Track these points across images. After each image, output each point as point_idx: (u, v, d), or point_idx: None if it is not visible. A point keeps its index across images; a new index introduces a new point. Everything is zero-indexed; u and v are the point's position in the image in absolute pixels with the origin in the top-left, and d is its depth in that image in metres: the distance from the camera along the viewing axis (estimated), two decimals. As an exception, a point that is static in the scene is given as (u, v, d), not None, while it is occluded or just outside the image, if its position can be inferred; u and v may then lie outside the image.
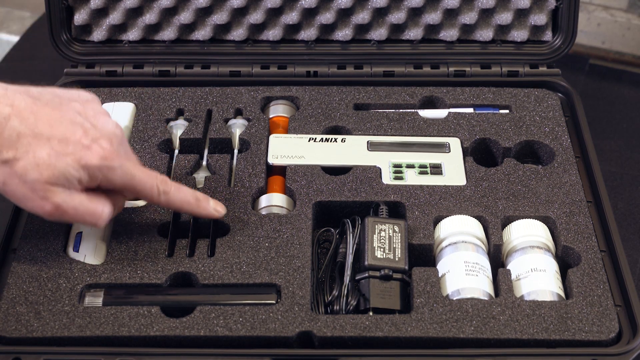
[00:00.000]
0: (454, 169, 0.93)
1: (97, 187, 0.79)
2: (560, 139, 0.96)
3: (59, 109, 0.78)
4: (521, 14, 1.04)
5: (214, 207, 0.85)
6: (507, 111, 1.00)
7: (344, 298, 0.81)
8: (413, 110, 1.00)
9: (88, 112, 0.80)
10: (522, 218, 0.88)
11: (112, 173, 0.78)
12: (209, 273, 0.83)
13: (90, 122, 0.79)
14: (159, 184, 0.81)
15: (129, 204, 0.89)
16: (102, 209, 0.79)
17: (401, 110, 1.00)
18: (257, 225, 0.87)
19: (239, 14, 1.04)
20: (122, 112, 0.99)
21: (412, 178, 0.92)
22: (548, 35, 1.04)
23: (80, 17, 1.03)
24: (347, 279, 0.82)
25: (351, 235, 0.85)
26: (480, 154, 0.97)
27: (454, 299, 0.81)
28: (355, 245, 0.85)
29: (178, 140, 0.96)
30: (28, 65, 1.29)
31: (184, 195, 0.83)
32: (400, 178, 0.92)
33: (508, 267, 0.85)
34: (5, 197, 0.77)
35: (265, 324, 0.79)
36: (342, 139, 0.96)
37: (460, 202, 0.90)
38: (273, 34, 1.05)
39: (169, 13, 1.04)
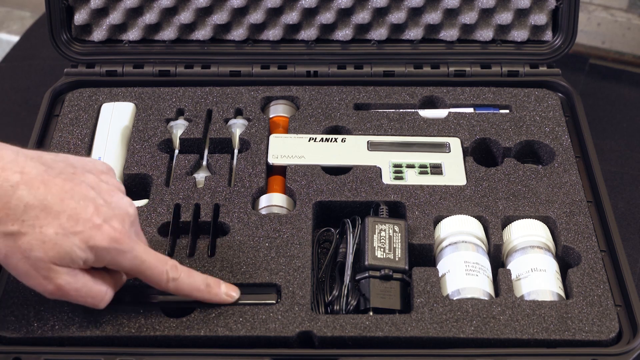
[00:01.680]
0: (454, 169, 0.93)
1: (103, 267, 0.75)
2: (560, 138, 0.96)
3: (72, 181, 0.73)
4: (521, 14, 1.04)
5: (226, 292, 0.80)
6: (507, 111, 1.00)
7: (344, 298, 0.81)
8: (413, 110, 1.00)
9: (102, 186, 0.75)
10: (522, 218, 0.88)
11: (121, 256, 0.74)
12: (209, 273, 0.83)
13: (104, 198, 0.74)
14: (169, 270, 0.76)
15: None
16: (105, 291, 0.75)
17: (401, 110, 1.00)
18: (257, 225, 0.87)
19: (239, 13, 1.04)
20: (122, 112, 0.99)
21: (412, 178, 0.92)
22: (548, 35, 1.04)
23: (80, 17, 1.03)
24: (347, 279, 0.82)
25: (351, 235, 0.85)
26: (481, 153, 0.97)
27: (454, 298, 0.81)
28: (355, 245, 0.85)
29: (178, 140, 0.96)
30: (28, 65, 1.29)
31: (194, 281, 0.78)
32: (401, 178, 0.92)
33: (508, 267, 0.85)
34: (5, 267, 0.73)
35: (265, 324, 0.79)
36: (342, 139, 0.96)
37: (460, 202, 0.89)
38: (273, 33, 1.05)
39: (169, 13, 1.04)
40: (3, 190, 0.70)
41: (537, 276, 0.83)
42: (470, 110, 1.00)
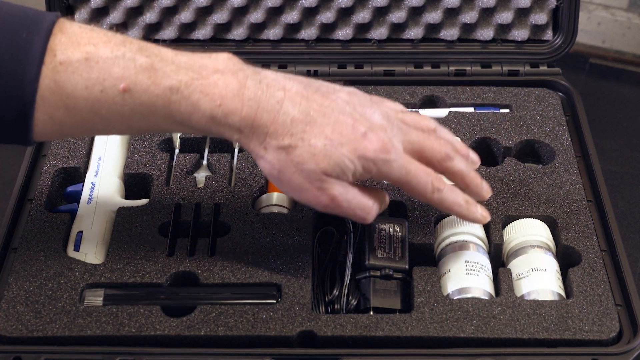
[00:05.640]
0: (454, 169, 0.93)
1: (366, 180, 0.76)
2: (560, 138, 0.96)
3: (328, 97, 0.75)
4: (522, 13, 1.04)
5: (481, 213, 0.81)
6: (507, 110, 1.00)
7: (345, 297, 0.81)
8: (414, 110, 1.00)
9: (355, 100, 0.76)
10: (523, 217, 0.88)
11: (387, 166, 0.75)
12: (209, 272, 0.83)
13: (359, 111, 0.75)
14: (434, 180, 0.77)
15: (130, 203, 0.89)
16: (372, 205, 0.77)
17: (401, 110, 1.00)
18: (257, 224, 0.87)
19: (240, 13, 1.04)
20: (122, 112, 0.98)
21: (412, 177, 0.92)
22: (548, 35, 1.04)
23: (80, 16, 1.03)
24: (347, 278, 0.82)
25: (352, 234, 0.85)
26: (481, 153, 0.97)
27: (455, 298, 0.81)
28: (355, 245, 0.85)
29: (178, 140, 0.96)
30: (28, 65, 1.29)
31: (456, 196, 0.79)
32: (401, 177, 0.92)
33: (508, 267, 0.85)
34: (277, 184, 0.75)
35: (265, 324, 0.79)
36: (343, 138, 0.96)
37: (460, 202, 0.89)
38: (273, 33, 1.05)
39: (169, 12, 1.04)
40: (270, 105, 0.73)
41: (537, 276, 0.83)
42: (471, 109, 1.00)
